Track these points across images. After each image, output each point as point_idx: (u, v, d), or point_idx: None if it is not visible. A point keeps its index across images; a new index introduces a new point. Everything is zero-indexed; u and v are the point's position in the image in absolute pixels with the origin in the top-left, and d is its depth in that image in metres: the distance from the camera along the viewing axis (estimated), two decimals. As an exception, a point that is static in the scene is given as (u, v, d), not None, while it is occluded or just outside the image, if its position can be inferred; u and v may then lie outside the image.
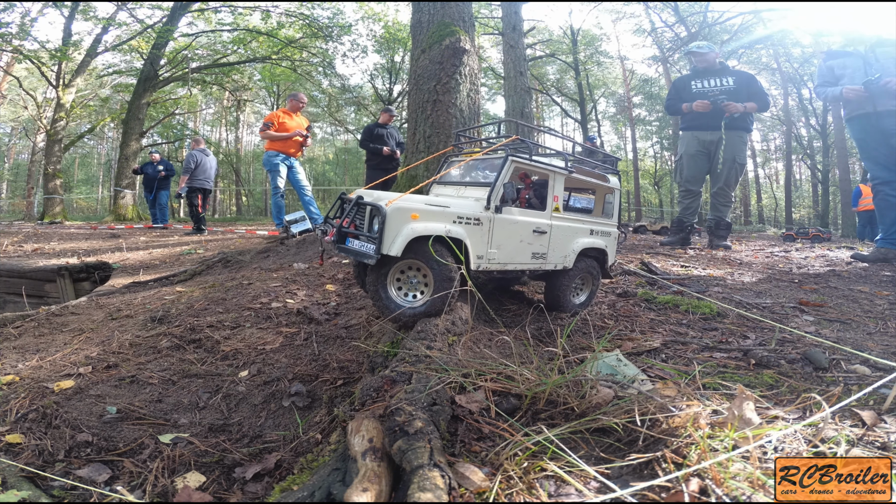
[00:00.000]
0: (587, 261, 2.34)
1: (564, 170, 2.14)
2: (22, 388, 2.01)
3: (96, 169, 35.72)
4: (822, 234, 9.11)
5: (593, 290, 2.45)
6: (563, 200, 2.20)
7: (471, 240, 1.80)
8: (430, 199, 1.87)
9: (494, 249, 1.91)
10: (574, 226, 2.23)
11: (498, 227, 1.91)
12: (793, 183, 26.19)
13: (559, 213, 2.15)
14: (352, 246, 1.78)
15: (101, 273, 4.79)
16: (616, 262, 2.56)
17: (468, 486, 0.84)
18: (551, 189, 2.11)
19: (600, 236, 2.36)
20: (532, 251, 2.05)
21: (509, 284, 2.82)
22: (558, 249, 2.16)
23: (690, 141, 4.90)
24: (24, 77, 17.18)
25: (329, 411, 1.78)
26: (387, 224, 1.62)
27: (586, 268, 2.35)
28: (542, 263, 2.11)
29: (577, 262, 2.26)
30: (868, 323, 2.19)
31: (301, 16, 15.68)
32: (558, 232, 2.13)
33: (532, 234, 2.03)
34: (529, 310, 2.48)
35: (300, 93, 6.90)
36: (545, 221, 2.09)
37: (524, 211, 2.06)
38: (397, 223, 1.64)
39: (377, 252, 1.64)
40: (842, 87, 3.86)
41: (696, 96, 4.78)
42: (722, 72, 4.83)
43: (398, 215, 1.64)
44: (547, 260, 2.12)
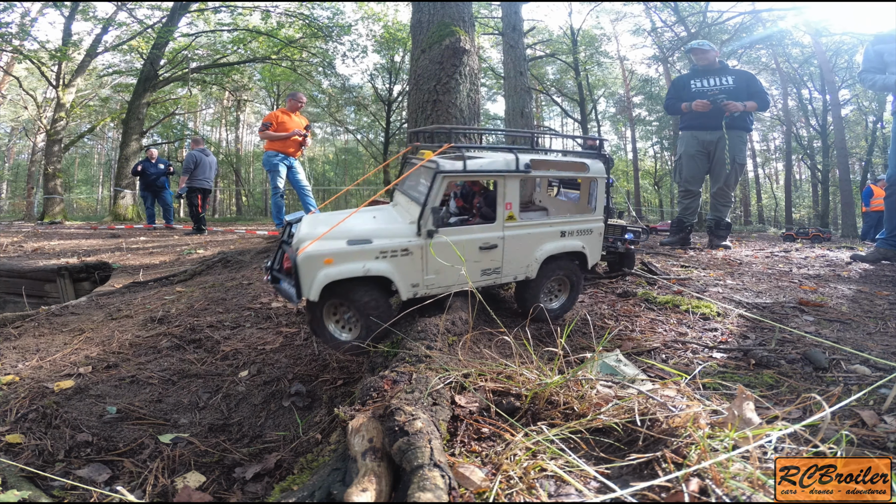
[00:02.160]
0: (561, 263, 2.11)
1: (516, 171, 1.86)
2: (22, 388, 2.01)
3: (96, 169, 35.70)
4: (822, 234, 9.11)
5: (573, 293, 2.23)
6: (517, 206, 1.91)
7: (399, 272, 1.73)
8: (357, 231, 1.77)
9: (432, 275, 1.78)
10: (536, 232, 1.96)
11: (436, 250, 1.76)
12: (793, 183, 26.19)
13: (514, 222, 1.89)
14: (282, 286, 1.81)
15: (101, 273, 4.79)
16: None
17: (468, 486, 0.84)
18: (501, 196, 1.85)
19: (576, 236, 2.08)
20: (481, 268, 1.87)
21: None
22: (515, 261, 1.93)
23: (690, 141, 4.89)
24: (24, 77, 17.18)
25: (329, 411, 1.78)
26: (300, 272, 1.65)
27: (560, 271, 2.12)
28: (495, 278, 1.91)
29: (547, 266, 2.05)
30: (868, 323, 2.19)
31: (301, 16, 15.68)
32: (513, 243, 1.89)
33: (478, 251, 1.82)
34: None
35: (299, 92, 6.90)
36: (495, 235, 1.85)
37: (467, 228, 1.84)
38: (310, 270, 1.65)
39: (298, 297, 1.68)
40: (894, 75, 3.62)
41: (695, 95, 4.76)
42: (721, 71, 4.82)
43: (310, 263, 1.65)
44: (502, 274, 1.91)
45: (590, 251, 2.15)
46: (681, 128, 5.19)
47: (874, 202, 9.92)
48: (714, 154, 4.80)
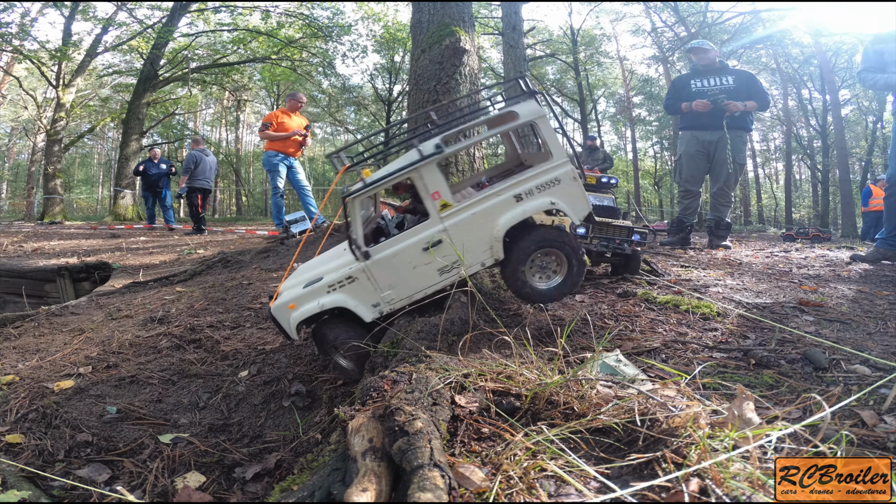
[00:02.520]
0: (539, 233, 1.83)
1: (423, 160, 1.69)
2: (22, 388, 2.01)
3: (96, 169, 35.71)
4: (822, 234, 9.11)
5: (572, 269, 1.86)
6: (447, 190, 1.73)
7: (353, 299, 1.77)
8: (314, 273, 1.89)
9: (388, 291, 1.76)
10: (482, 208, 1.73)
11: (377, 271, 1.74)
12: (793, 183, 26.19)
13: (451, 209, 1.72)
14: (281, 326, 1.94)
15: (101, 273, 4.79)
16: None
17: (468, 486, 0.84)
18: (423, 189, 1.72)
19: (538, 195, 1.74)
20: (436, 268, 1.75)
21: None
22: (473, 248, 1.75)
23: (690, 141, 4.88)
24: (24, 77, 17.18)
25: (329, 411, 1.78)
26: (277, 320, 1.86)
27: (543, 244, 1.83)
28: (458, 273, 1.77)
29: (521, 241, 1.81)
30: (868, 323, 2.19)
31: (301, 16, 15.68)
32: (461, 230, 1.73)
33: (423, 253, 1.72)
34: (530, 309, 2.48)
35: (299, 92, 6.91)
36: (435, 230, 1.72)
37: (402, 235, 1.75)
38: (282, 317, 1.83)
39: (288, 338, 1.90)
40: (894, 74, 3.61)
41: (695, 95, 4.74)
42: (721, 71, 4.81)
43: (279, 311, 1.84)
44: (464, 265, 1.76)
45: (567, 204, 1.76)
46: (681, 128, 5.17)
47: (873, 202, 9.92)
48: (714, 154, 4.78)
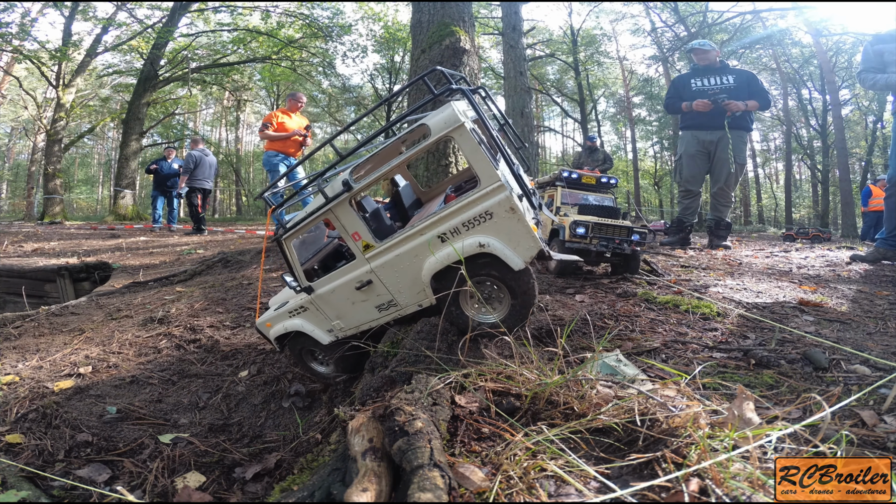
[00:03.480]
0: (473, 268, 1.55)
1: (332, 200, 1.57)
2: (22, 388, 2.01)
3: (96, 169, 35.70)
4: (822, 234, 9.10)
5: (516, 300, 1.60)
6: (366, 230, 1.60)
7: (310, 324, 1.84)
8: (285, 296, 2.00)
9: (337, 320, 1.78)
10: (407, 248, 1.55)
11: (322, 303, 1.76)
12: (793, 183, 26.18)
13: (374, 248, 1.58)
14: None
15: (101, 273, 4.79)
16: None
17: (468, 486, 0.84)
18: (342, 230, 1.62)
19: (467, 233, 1.47)
20: (374, 305, 1.68)
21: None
22: (406, 289, 1.61)
23: (690, 141, 4.87)
24: (24, 77, 17.18)
25: (329, 411, 1.78)
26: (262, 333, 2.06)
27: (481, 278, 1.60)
28: (397, 310, 1.67)
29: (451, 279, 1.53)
30: (868, 323, 2.19)
31: (301, 16, 15.68)
32: (389, 272, 1.59)
33: (357, 291, 1.67)
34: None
35: (299, 92, 6.90)
36: (362, 271, 1.63)
37: (335, 273, 1.71)
38: (264, 332, 2.03)
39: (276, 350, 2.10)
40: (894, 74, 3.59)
41: (695, 95, 4.74)
42: (722, 70, 4.80)
43: (262, 328, 2.03)
44: (401, 304, 1.65)
45: (503, 244, 1.44)
46: (681, 127, 5.16)
47: (873, 202, 9.92)
48: (715, 154, 4.78)
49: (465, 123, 1.38)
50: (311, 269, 1.96)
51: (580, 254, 3.18)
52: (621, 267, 3.29)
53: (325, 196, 1.57)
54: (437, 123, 1.42)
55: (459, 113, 1.39)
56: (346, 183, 1.51)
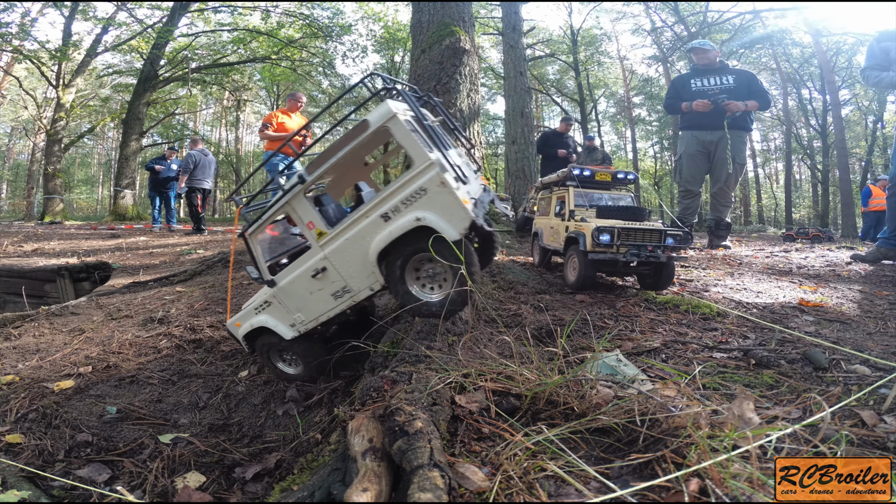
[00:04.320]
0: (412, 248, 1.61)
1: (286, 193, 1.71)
2: (22, 388, 2.01)
3: (96, 169, 35.70)
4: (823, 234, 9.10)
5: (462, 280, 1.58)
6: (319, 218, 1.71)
7: (273, 319, 1.92)
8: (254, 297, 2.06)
9: (299, 313, 1.85)
10: (354, 233, 1.65)
11: (284, 296, 1.85)
12: (793, 183, 26.18)
13: (326, 236, 1.69)
14: None
15: (101, 273, 4.79)
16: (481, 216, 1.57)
17: (468, 486, 0.84)
18: (298, 221, 1.73)
19: (405, 210, 1.55)
20: (331, 292, 1.76)
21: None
22: (357, 273, 1.70)
23: (690, 141, 4.86)
24: (24, 77, 17.18)
25: (329, 411, 1.78)
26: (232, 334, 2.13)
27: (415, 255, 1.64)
28: (351, 296, 1.75)
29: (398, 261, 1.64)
30: (868, 323, 2.19)
31: (301, 16, 15.68)
32: (341, 257, 1.69)
33: (314, 280, 1.75)
34: (530, 309, 2.48)
35: (298, 92, 6.90)
36: (317, 258, 1.73)
37: (293, 265, 1.82)
38: (234, 332, 2.10)
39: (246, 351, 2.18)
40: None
41: (695, 95, 4.72)
42: (722, 70, 4.79)
43: (231, 328, 2.10)
44: (354, 290, 1.73)
45: (437, 217, 1.51)
46: (681, 128, 5.15)
47: (873, 202, 9.92)
48: (714, 154, 4.76)
49: (398, 115, 1.51)
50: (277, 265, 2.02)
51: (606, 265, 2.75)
52: (652, 278, 2.86)
53: (282, 189, 1.70)
54: (374, 117, 1.56)
55: (393, 106, 1.53)
56: (300, 176, 1.66)
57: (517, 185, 10.10)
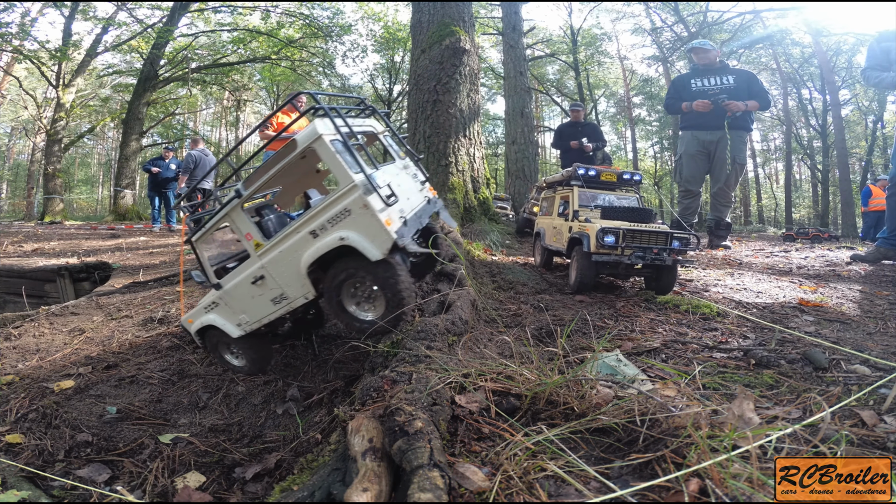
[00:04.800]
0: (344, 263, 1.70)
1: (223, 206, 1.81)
2: (22, 388, 2.01)
3: (96, 169, 35.69)
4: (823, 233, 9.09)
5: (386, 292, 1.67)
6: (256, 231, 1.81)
7: (220, 318, 2.03)
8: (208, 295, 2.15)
9: (244, 314, 1.97)
10: (286, 246, 1.74)
11: (229, 298, 1.97)
12: (793, 183, 26.16)
13: (263, 247, 1.79)
14: None
15: (101, 273, 4.78)
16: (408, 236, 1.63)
17: (468, 486, 0.84)
18: (237, 231, 1.83)
19: (331, 229, 1.63)
20: (270, 298, 1.87)
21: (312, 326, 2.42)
22: (292, 283, 1.79)
23: (690, 141, 4.86)
24: (24, 77, 17.17)
25: (329, 411, 1.78)
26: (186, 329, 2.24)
27: (349, 274, 1.71)
28: (288, 303, 1.85)
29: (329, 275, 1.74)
30: (868, 323, 2.19)
31: (301, 16, 15.68)
32: (276, 267, 1.78)
33: (254, 286, 1.86)
34: (529, 309, 2.48)
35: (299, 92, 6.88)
36: (255, 267, 1.83)
37: (235, 271, 1.94)
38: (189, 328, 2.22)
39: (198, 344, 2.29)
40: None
41: (695, 95, 4.72)
42: (722, 70, 4.79)
43: (185, 323, 2.22)
44: (290, 297, 1.83)
45: (360, 238, 1.58)
46: (681, 127, 5.15)
47: (873, 202, 9.92)
48: (715, 154, 4.76)
49: (324, 136, 1.57)
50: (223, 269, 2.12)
51: (610, 268, 2.74)
52: (655, 280, 2.84)
53: (219, 201, 1.78)
54: (301, 137, 1.63)
55: (319, 127, 1.58)
56: (237, 190, 1.75)
57: (517, 185, 10.12)
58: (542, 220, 3.83)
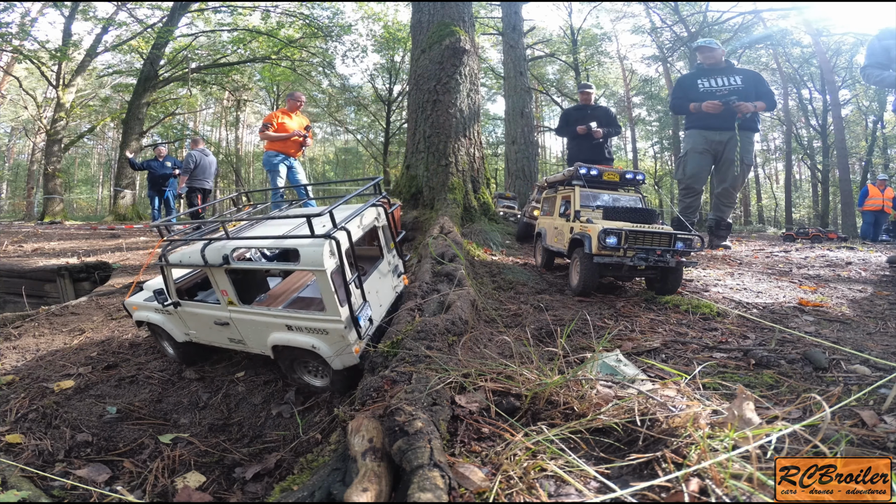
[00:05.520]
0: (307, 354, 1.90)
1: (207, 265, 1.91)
2: (22, 388, 2.01)
3: (96, 169, 35.68)
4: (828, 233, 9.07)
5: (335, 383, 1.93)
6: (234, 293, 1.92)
7: (168, 324, 2.19)
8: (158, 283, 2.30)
9: (194, 331, 2.15)
10: (260, 319, 1.90)
11: (185, 317, 2.12)
12: (793, 183, 26.16)
13: (237, 307, 1.92)
14: None
15: (101, 273, 4.78)
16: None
17: (468, 486, 0.84)
18: (214, 284, 1.95)
19: (306, 333, 1.82)
20: (227, 336, 2.04)
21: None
22: (253, 339, 1.98)
23: (697, 139, 4.76)
24: (24, 77, 17.16)
25: (329, 411, 1.78)
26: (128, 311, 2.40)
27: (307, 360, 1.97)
28: (243, 347, 2.05)
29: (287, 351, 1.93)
30: (868, 323, 2.19)
31: (301, 16, 15.68)
32: (242, 324, 1.95)
33: (215, 325, 2.02)
34: (530, 309, 2.48)
35: (297, 91, 6.88)
36: (222, 314, 1.98)
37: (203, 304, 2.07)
38: (130, 311, 2.38)
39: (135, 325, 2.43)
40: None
41: (703, 96, 4.64)
42: (728, 70, 4.71)
43: (128, 307, 2.38)
44: (247, 346, 2.02)
45: (328, 352, 1.78)
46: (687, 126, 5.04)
47: (868, 202, 9.95)
48: (723, 154, 4.69)
49: (327, 271, 1.66)
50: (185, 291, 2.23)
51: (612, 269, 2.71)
52: (659, 282, 2.79)
53: (206, 261, 1.88)
54: (306, 258, 1.69)
55: (325, 258, 1.66)
56: (225, 258, 1.84)
57: (517, 185, 10.13)
58: (544, 220, 3.82)
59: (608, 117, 5.69)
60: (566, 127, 5.68)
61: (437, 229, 3.93)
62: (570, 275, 3.02)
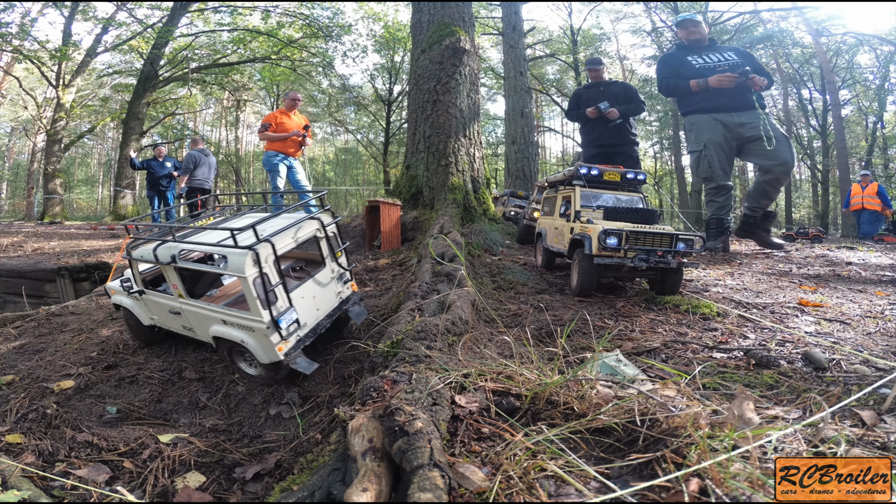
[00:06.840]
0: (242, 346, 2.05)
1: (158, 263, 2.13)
2: (22, 388, 2.01)
3: (96, 169, 35.69)
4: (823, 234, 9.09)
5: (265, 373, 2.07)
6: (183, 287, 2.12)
7: (137, 308, 2.42)
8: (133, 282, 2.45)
9: (156, 316, 2.37)
10: (202, 312, 2.11)
11: (149, 303, 2.35)
12: (793, 183, 26.17)
13: (185, 299, 2.14)
14: None
15: (101, 273, 4.78)
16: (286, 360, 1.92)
17: (468, 486, 0.84)
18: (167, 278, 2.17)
19: (237, 329, 2.00)
20: (181, 324, 2.27)
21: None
22: (199, 328, 2.20)
23: (713, 126, 4.00)
24: (24, 77, 17.16)
25: (329, 411, 1.78)
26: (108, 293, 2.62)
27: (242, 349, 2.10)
28: (193, 334, 2.27)
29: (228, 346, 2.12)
30: (868, 323, 2.19)
31: (301, 16, 15.68)
32: (190, 315, 2.18)
33: (170, 313, 2.26)
34: (529, 309, 2.48)
35: (294, 91, 6.87)
36: (175, 304, 2.21)
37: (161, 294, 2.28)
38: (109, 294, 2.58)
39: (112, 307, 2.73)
40: None
41: (701, 72, 4.01)
42: (717, 47, 4.19)
43: (108, 290, 2.59)
44: (196, 333, 2.24)
45: (254, 348, 1.95)
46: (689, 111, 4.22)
47: (852, 201, 9.95)
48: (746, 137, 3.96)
49: (248, 277, 1.81)
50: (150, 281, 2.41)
51: (612, 270, 2.69)
52: (660, 283, 2.75)
53: (157, 258, 2.08)
54: (232, 264, 1.86)
55: (247, 266, 1.81)
56: (173, 257, 2.04)
57: (517, 185, 10.12)
58: (544, 220, 3.81)
59: (627, 93, 4.76)
60: (576, 110, 4.88)
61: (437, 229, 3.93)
62: (570, 275, 3.01)
